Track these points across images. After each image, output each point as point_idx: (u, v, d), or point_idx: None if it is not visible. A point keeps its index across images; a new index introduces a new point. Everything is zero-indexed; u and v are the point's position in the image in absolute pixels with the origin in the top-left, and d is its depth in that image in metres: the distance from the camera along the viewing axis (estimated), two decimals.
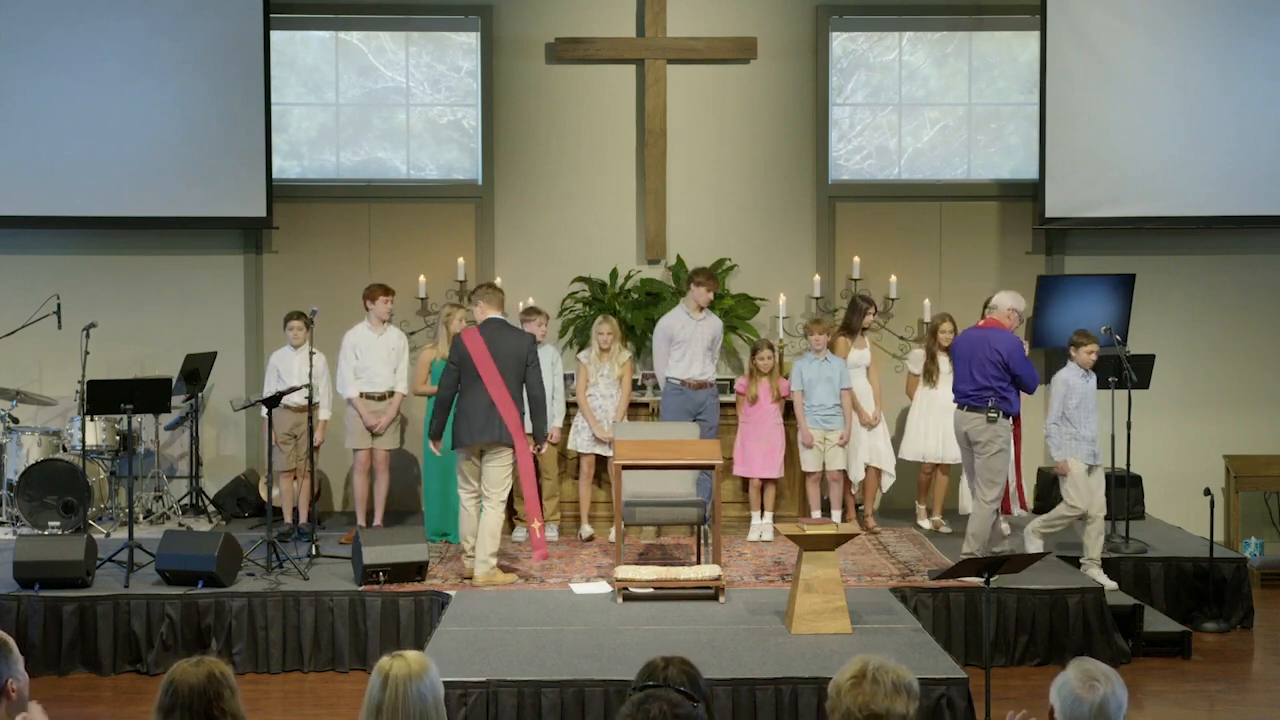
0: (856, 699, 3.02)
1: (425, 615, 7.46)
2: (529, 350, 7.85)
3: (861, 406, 9.20)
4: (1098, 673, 3.18)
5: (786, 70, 10.46)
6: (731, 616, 7.07)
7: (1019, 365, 7.75)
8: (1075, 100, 10.09)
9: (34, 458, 9.25)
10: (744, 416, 9.20)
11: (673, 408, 9.07)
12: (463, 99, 10.60)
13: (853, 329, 9.37)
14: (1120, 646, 7.53)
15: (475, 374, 7.73)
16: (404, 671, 3.23)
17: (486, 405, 7.69)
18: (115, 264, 10.33)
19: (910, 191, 10.61)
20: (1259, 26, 10.10)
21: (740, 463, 9.16)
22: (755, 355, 9.22)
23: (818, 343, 9.12)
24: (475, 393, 7.73)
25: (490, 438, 7.71)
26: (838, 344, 9.25)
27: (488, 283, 8.64)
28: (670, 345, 9.11)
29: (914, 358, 9.56)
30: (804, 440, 9.05)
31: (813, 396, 9.07)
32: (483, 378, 7.71)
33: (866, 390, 9.29)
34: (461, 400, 7.78)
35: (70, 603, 7.38)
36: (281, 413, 9.23)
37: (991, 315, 8.07)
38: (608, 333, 9.22)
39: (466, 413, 7.73)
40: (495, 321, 7.91)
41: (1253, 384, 10.40)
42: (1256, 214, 10.23)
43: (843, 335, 9.35)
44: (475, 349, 7.77)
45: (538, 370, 7.88)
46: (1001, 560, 6.32)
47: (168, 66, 9.97)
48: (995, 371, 7.73)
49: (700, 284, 9.12)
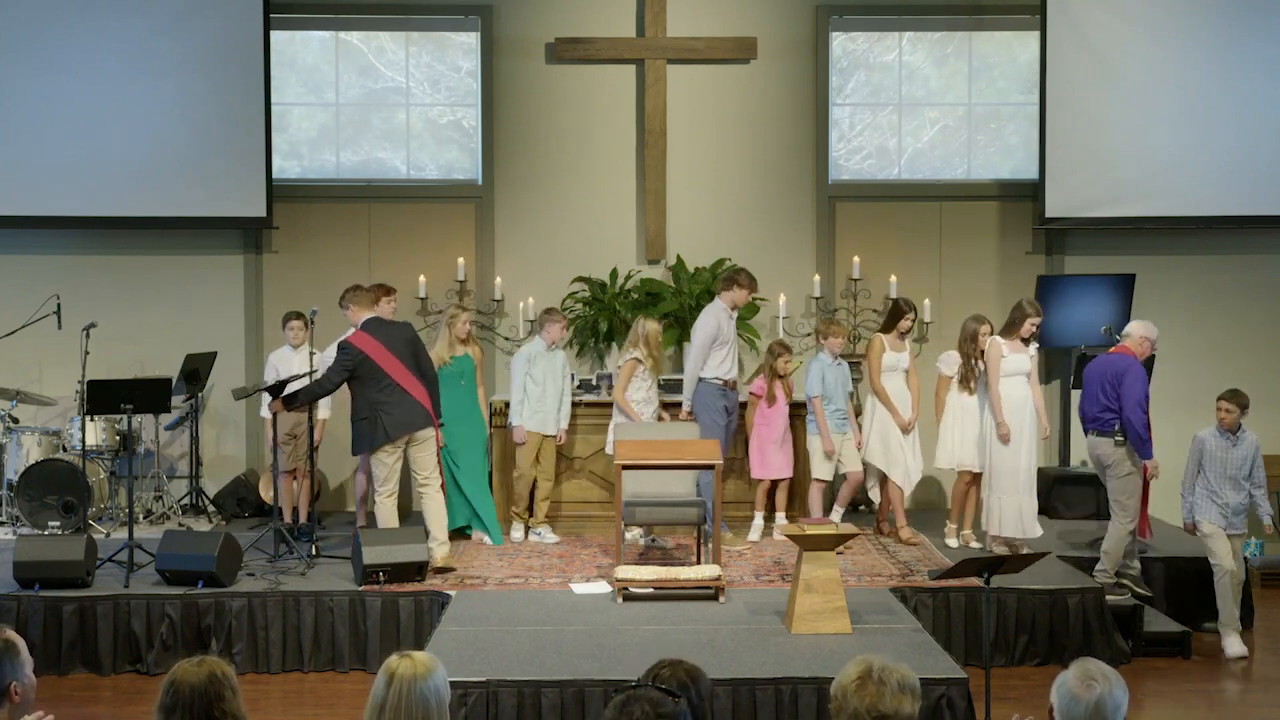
0: (863, 700, 3.02)
1: (425, 615, 7.46)
2: (414, 336, 8.15)
3: (896, 410, 8.88)
4: (1096, 673, 3.18)
5: (786, 70, 10.46)
6: (731, 616, 7.07)
7: (1127, 386, 7.77)
8: (1075, 100, 10.10)
9: (34, 458, 9.25)
10: (760, 419, 9.10)
11: (714, 408, 8.93)
12: (463, 99, 10.60)
13: (890, 330, 9.04)
14: (1120, 646, 7.53)
15: (379, 371, 7.85)
16: (409, 671, 3.23)
17: (402, 395, 7.87)
18: (115, 264, 10.33)
19: (910, 191, 10.61)
20: (1259, 26, 10.10)
21: (760, 465, 9.07)
22: (776, 358, 9.09)
23: (837, 346, 9.00)
24: (388, 388, 7.87)
25: (419, 425, 7.92)
26: (872, 344, 9.00)
27: (354, 284, 8.63)
28: (714, 346, 8.97)
29: (946, 360, 8.95)
30: (826, 447, 8.86)
31: (834, 400, 8.91)
32: (389, 372, 7.86)
33: (904, 394, 8.97)
34: (376, 399, 7.86)
35: (70, 603, 7.38)
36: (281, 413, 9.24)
37: (1124, 342, 8.14)
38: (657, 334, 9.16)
39: (389, 408, 7.85)
40: (374, 320, 8.11)
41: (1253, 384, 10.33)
42: (1256, 214, 10.23)
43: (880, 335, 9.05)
44: (372, 348, 7.88)
45: (427, 354, 8.18)
46: (1001, 560, 6.32)
47: (168, 66, 9.98)
48: (1116, 394, 7.83)
49: (745, 285, 8.99)
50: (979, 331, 8.60)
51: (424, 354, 8.14)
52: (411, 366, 7.95)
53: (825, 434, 8.87)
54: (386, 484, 8.01)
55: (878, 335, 9.08)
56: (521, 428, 9.06)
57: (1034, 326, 8.41)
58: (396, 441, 7.90)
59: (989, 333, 8.59)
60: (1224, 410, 7.81)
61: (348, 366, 7.87)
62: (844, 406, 8.99)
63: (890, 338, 9.02)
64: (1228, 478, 7.81)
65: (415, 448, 7.98)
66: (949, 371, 8.84)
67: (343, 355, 7.92)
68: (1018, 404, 8.32)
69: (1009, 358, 8.37)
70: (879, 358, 8.93)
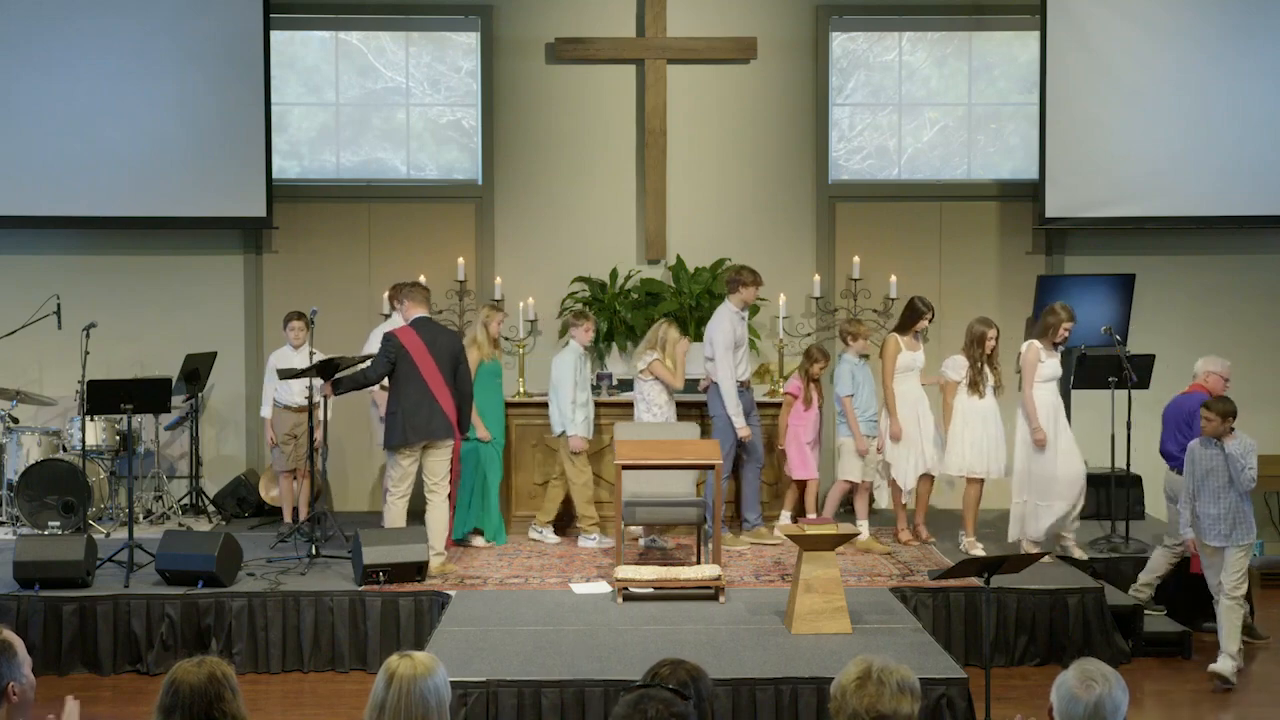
0: (862, 700, 3.02)
1: (425, 615, 7.46)
2: (460, 349, 8.09)
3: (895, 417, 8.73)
4: (1096, 673, 3.18)
5: (786, 70, 10.46)
6: (731, 616, 7.07)
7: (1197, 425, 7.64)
8: (1075, 100, 10.09)
9: (34, 458, 9.25)
10: (795, 420, 9.00)
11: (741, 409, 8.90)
12: (463, 99, 10.60)
13: (907, 330, 8.93)
14: (1120, 646, 7.53)
15: (414, 371, 7.84)
16: (410, 671, 3.23)
17: (430, 402, 7.84)
18: (115, 264, 10.33)
19: (910, 191, 10.61)
20: (1259, 26, 10.10)
21: (800, 467, 8.96)
22: (813, 363, 8.98)
23: (864, 346, 8.88)
24: (417, 390, 7.85)
25: (438, 435, 7.88)
26: (888, 343, 8.88)
27: (414, 281, 8.66)
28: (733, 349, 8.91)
29: (952, 364, 8.73)
30: (860, 447, 8.73)
31: (859, 401, 8.79)
32: (424, 374, 7.84)
33: (920, 394, 8.85)
34: (402, 398, 7.86)
35: (70, 603, 7.38)
36: (282, 413, 9.25)
37: (1195, 380, 8.17)
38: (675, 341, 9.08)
39: (408, 412, 7.83)
40: (424, 319, 8.08)
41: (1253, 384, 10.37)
42: (1256, 214, 10.23)
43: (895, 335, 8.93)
44: (414, 346, 7.89)
45: (466, 368, 8.12)
46: (1001, 560, 6.32)
47: (168, 66, 9.97)
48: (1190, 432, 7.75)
49: (750, 283, 8.95)
50: (986, 335, 8.47)
51: (465, 368, 8.09)
52: (447, 375, 7.91)
53: (857, 434, 8.74)
54: (399, 485, 8.00)
55: (893, 335, 8.94)
56: (579, 437, 8.97)
57: (1068, 331, 8.35)
58: (414, 446, 7.89)
59: (995, 336, 8.49)
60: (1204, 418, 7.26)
61: (390, 359, 7.89)
62: (874, 408, 8.87)
63: (906, 338, 8.89)
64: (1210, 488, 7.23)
65: (431, 454, 7.95)
66: (956, 376, 8.64)
67: (385, 346, 7.96)
68: (1049, 409, 8.27)
69: (1046, 363, 8.32)
70: (894, 358, 8.78)
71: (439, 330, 8.13)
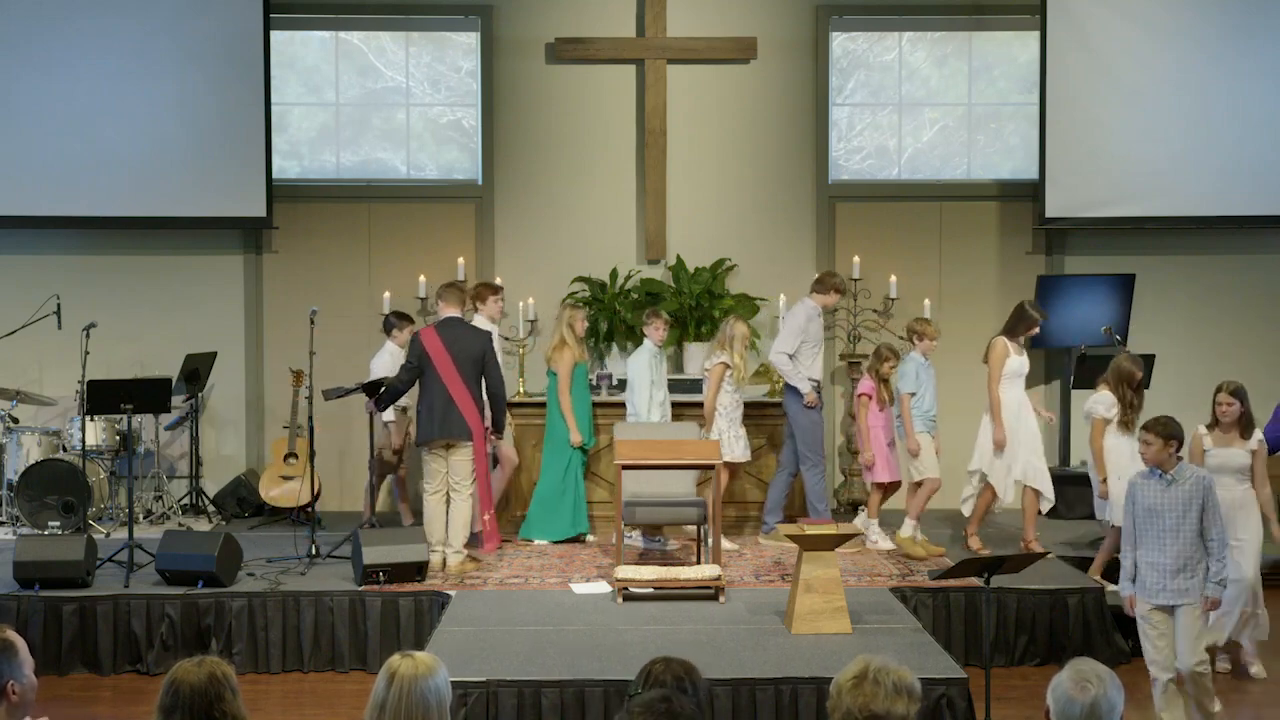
0: (857, 700, 3.03)
1: (425, 615, 7.46)
2: (487, 349, 8.09)
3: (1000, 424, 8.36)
4: (1091, 673, 3.18)
5: (786, 70, 10.47)
6: (731, 616, 7.07)
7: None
8: (1075, 100, 10.10)
9: (34, 458, 9.25)
10: (873, 421, 8.69)
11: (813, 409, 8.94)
12: (463, 99, 10.60)
13: (1016, 335, 8.46)
14: (1120, 646, 7.53)
15: (432, 371, 7.96)
16: (410, 671, 3.23)
17: (445, 402, 7.92)
18: (115, 264, 10.33)
19: (910, 191, 10.61)
20: (1259, 26, 10.11)
21: (885, 468, 8.69)
22: (883, 362, 8.65)
23: (929, 347, 8.64)
24: (435, 391, 7.96)
25: (452, 434, 7.94)
26: (995, 346, 8.39)
27: (451, 282, 8.69)
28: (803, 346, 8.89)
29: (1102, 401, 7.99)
30: (911, 446, 8.50)
31: (921, 401, 8.55)
32: (441, 375, 7.93)
33: (1024, 399, 8.43)
34: (423, 398, 8.03)
35: (70, 603, 7.39)
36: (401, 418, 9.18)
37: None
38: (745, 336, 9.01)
39: (428, 411, 7.97)
40: (453, 320, 8.14)
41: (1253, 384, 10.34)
42: (1256, 214, 10.24)
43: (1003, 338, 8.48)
44: (433, 348, 7.98)
45: (496, 367, 8.14)
46: (1001, 560, 6.32)
47: (168, 66, 9.98)
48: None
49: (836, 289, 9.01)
50: (1136, 374, 7.84)
51: (492, 367, 8.07)
52: (468, 376, 7.95)
53: (910, 432, 8.48)
54: (431, 482, 8.10)
55: (1000, 338, 8.45)
56: None
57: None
58: (433, 445, 7.99)
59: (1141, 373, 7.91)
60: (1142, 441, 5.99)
61: (410, 361, 8.07)
62: (933, 408, 8.63)
63: (1015, 343, 8.44)
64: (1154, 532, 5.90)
65: (452, 454, 8.02)
66: (1109, 414, 7.91)
67: (409, 349, 8.18)
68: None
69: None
70: (1002, 362, 8.34)
71: (462, 331, 8.13)
